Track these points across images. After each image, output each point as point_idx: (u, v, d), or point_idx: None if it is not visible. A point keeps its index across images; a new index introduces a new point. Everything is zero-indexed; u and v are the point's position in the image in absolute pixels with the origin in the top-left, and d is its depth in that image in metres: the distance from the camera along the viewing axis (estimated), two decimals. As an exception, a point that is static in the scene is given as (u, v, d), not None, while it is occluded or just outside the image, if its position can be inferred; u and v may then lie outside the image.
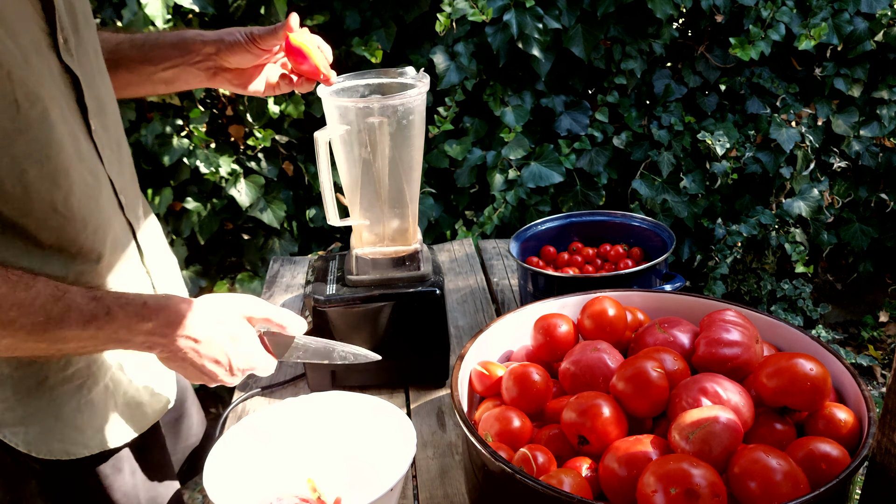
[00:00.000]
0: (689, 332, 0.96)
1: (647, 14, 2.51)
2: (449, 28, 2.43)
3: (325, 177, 1.11)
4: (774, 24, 2.56)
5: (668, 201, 2.68)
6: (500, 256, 1.76)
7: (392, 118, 1.09)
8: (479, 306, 1.52)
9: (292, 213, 2.69)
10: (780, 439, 0.83)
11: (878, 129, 2.76)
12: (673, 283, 1.32)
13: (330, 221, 1.14)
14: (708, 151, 2.66)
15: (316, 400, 1.04)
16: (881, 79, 2.77)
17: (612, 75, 2.60)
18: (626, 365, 0.88)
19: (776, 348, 0.98)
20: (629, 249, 1.50)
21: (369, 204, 1.16)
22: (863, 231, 2.92)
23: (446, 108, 2.52)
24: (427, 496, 1.02)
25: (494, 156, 2.58)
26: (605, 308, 1.01)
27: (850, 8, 2.60)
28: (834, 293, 3.16)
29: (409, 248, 1.20)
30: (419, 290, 1.18)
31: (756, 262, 2.95)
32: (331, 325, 1.17)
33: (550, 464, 0.84)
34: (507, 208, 2.56)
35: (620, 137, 2.65)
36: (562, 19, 2.46)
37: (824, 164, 2.82)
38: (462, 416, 0.85)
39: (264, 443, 1.00)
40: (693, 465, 0.73)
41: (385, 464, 0.97)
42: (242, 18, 2.37)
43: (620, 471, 0.79)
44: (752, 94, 2.72)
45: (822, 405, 0.84)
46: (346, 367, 1.21)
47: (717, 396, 0.82)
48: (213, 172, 2.48)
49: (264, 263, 2.68)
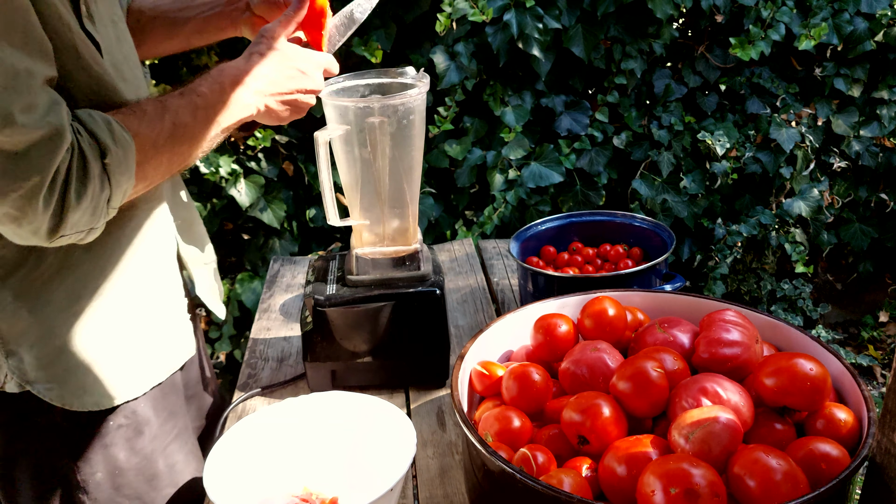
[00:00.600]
0: (689, 332, 0.96)
1: (647, 14, 2.51)
2: (449, 28, 2.44)
3: (325, 177, 1.11)
4: (774, 24, 2.56)
5: (668, 201, 2.68)
6: (500, 256, 1.76)
7: (392, 118, 1.09)
8: (479, 306, 1.52)
9: (292, 213, 2.69)
10: (779, 439, 0.83)
11: (878, 129, 2.76)
12: (673, 283, 1.32)
13: (330, 221, 1.14)
14: (708, 151, 2.66)
15: (316, 400, 1.04)
16: (881, 79, 2.77)
17: (612, 75, 2.60)
18: (626, 365, 0.88)
19: (776, 348, 0.98)
20: (629, 249, 1.50)
21: (369, 204, 1.16)
22: (863, 231, 2.92)
23: (446, 108, 2.52)
24: (427, 496, 1.02)
25: (494, 156, 2.58)
26: (605, 308, 1.01)
27: (850, 8, 2.60)
28: (834, 293, 3.16)
29: (410, 248, 1.20)
30: (419, 290, 1.18)
31: (756, 262, 2.95)
32: (331, 324, 1.17)
33: (550, 464, 0.84)
34: (507, 208, 2.56)
35: (620, 137, 2.65)
36: (562, 19, 2.46)
37: (824, 164, 2.83)
38: (462, 416, 0.85)
39: (264, 443, 1.00)
40: (693, 465, 0.73)
41: (385, 464, 0.97)
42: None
43: (620, 471, 0.79)
44: (752, 94, 2.72)
45: (821, 405, 0.84)
46: (346, 367, 1.21)
47: (717, 396, 0.82)
48: (213, 172, 2.48)
49: (264, 263, 2.68)
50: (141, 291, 1.05)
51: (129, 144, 0.86)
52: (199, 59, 2.50)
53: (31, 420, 1.00)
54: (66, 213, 0.81)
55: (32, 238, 0.83)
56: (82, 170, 0.81)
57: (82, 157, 0.81)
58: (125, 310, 1.03)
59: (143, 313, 1.06)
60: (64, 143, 0.79)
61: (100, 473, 1.03)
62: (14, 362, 0.96)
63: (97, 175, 0.82)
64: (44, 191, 0.78)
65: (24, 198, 0.78)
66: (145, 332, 1.06)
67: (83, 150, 0.81)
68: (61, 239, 0.84)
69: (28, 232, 0.82)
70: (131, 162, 0.86)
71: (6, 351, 0.96)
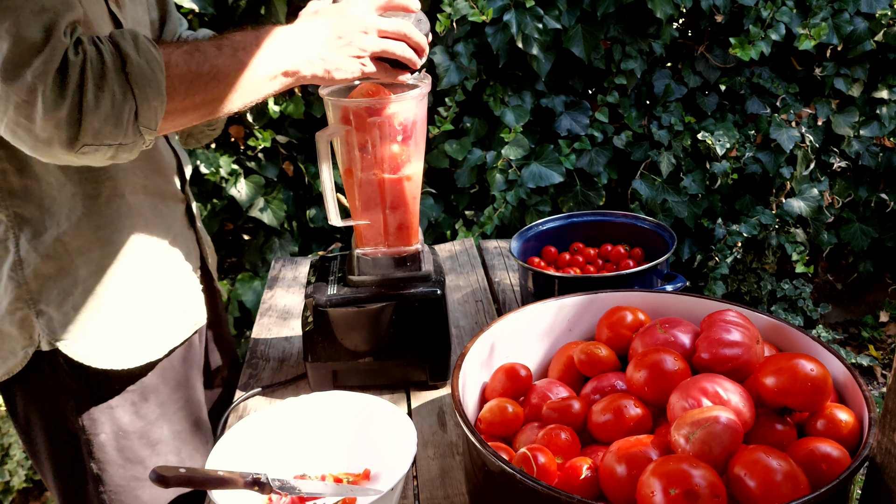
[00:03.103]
0: (689, 332, 0.96)
1: (647, 14, 2.51)
2: (449, 28, 2.44)
3: (326, 177, 1.11)
4: (774, 24, 2.56)
5: (669, 201, 2.68)
6: (501, 256, 1.76)
7: (394, 118, 1.09)
8: (480, 306, 1.52)
9: (292, 213, 2.69)
10: (780, 440, 0.83)
11: (878, 129, 2.76)
12: (674, 284, 1.32)
13: (331, 221, 1.14)
14: (708, 151, 2.66)
15: (317, 399, 1.04)
16: (881, 79, 2.77)
17: (612, 75, 2.60)
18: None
19: (777, 348, 0.98)
20: (630, 250, 1.50)
21: (370, 204, 1.16)
22: (863, 231, 2.92)
23: (446, 108, 2.52)
24: (427, 496, 1.02)
25: (494, 156, 2.58)
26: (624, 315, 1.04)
27: (850, 8, 2.60)
28: (834, 293, 3.16)
29: (411, 248, 1.20)
30: (420, 291, 1.18)
31: (756, 262, 2.95)
32: (332, 325, 1.17)
33: (550, 464, 0.84)
34: (508, 208, 2.56)
35: (620, 137, 2.65)
36: (562, 19, 2.46)
37: (824, 164, 2.83)
38: (462, 416, 0.85)
39: (265, 442, 1.00)
40: (693, 466, 0.73)
41: (385, 464, 0.97)
42: (242, 18, 2.37)
43: (620, 471, 0.79)
44: (752, 94, 2.72)
45: (822, 405, 0.85)
46: (347, 367, 1.21)
47: (717, 397, 0.82)
48: (213, 172, 2.48)
49: (264, 263, 2.68)
50: (160, 258, 1.14)
51: (156, 59, 0.85)
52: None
53: (43, 381, 1.06)
54: (84, 117, 0.79)
55: (55, 148, 0.81)
56: (100, 73, 0.80)
57: (101, 62, 0.81)
58: (145, 274, 1.11)
59: (161, 279, 1.14)
60: (57, 43, 0.79)
61: (104, 434, 1.09)
62: (44, 321, 1.03)
63: (116, 81, 0.81)
64: (44, 90, 0.77)
65: (26, 99, 0.77)
66: (163, 297, 1.14)
67: (102, 54, 0.81)
68: (86, 150, 0.82)
69: (44, 142, 0.81)
70: (160, 77, 0.85)
71: (36, 311, 1.03)
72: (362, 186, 1.14)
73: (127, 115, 0.82)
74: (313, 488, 0.92)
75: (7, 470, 2.34)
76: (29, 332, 1.03)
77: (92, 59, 0.80)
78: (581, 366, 1.00)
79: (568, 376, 1.03)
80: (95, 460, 1.10)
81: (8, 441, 2.38)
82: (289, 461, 1.01)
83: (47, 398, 1.08)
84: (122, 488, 1.12)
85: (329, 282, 1.22)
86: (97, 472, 1.10)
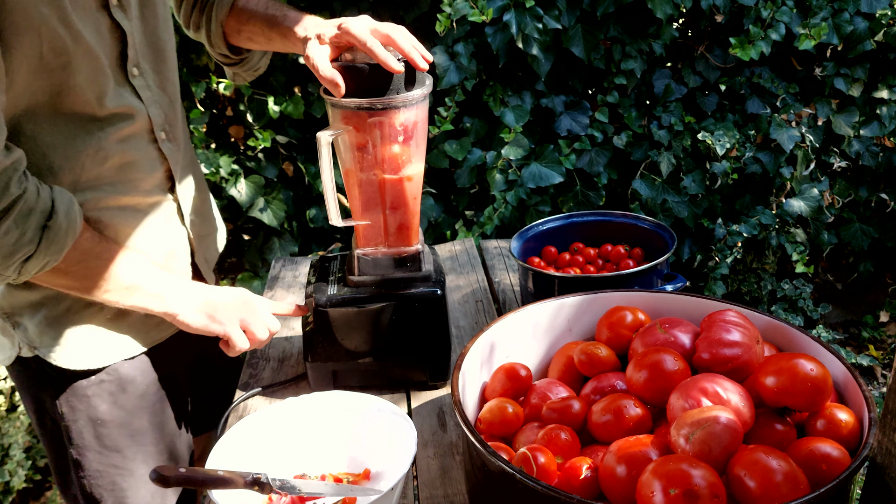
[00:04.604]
0: (689, 332, 0.96)
1: (647, 14, 2.51)
2: (449, 28, 2.44)
3: (327, 177, 1.11)
4: (774, 23, 2.56)
5: (669, 201, 2.68)
6: (501, 256, 1.76)
7: (394, 118, 1.09)
8: (481, 306, 1.52)
9: (292, 213, 2.69)
10: (780, 440, 0.84)
11: (878, 129, 2.76)
12: (674, 284, 1.32)
13: (332, 222, 1.14)
14: (708, 151, 2.66)
15: (317, 399, 1.04)
16: (881, 78, 2.77)
17: (612, 75, 2.60)
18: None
19: (777, 348, 0.98)
20: (630, 250, 1.50)
21: (371, 204, 1.16)
22: (863, 231, 2.92)
23: (446, 109, 2.52)
24: (427, 496, 1.02)
25: (494, 156, 2.58)
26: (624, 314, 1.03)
27: (850, 8, 2.60)
28: (834, 293, 3.16)
29: (411, 248, 1.20)
30: (421, 291, 1.18)
31: (756, 262, 2.96)
32: (332, 325, 1.17)
33: (550, 464, 0.84)
34: (507, 208, 2.56)
35: (620, 137, 2.65)
36: (562, 19, 2.46)
37: (824, 164, 2.82)
38: (462, 416, 0.85)
39: (265, 442, 1.00)
40: (693, 466, 0.73)
41: (385, 464, 0.97)
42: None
43: (620, 471, 0.79)
44: (752, 94, 2.72)
45: (822, 405, 0.85)
46: (347, 367, 1.21)
47: (717, 397, 0.82)
48: (213, 173, 2.48)
49: (264, 263, 2.68)
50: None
51: (75, 229, 0.94)
52: (199, 59, 2.50)
53: (27, 371, 1.13)
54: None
55: None
56: (26, 213, 0.89)
57: (33, 203, 0.89)
58: None
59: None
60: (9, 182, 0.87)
61: (81, 421, 1.13)
62: (20, 332, 1.08)
63: (33, 226, 0.89)
64: None
65: None
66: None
67: (38, 200, 0.89)
68: None
69: None
70: (68, 242, 0.94)
71: (12, 323, 1.08)
72: (363, 187, 1.14)
73: (19, 256, 0.90)
74: (313, 488, 0.92)
75: (7, 470, 2.34)
76: (10, 340, 1.10)
77: (28, 199, 0.89)
78: (581, 366, 1.00)
79: (568, 376, 1.03)
80: (74, 446, 1.14)
81: (8, 441, 2.38)
82: (289, 461, 1.01)
83: (32, 385, 1.15)
84: (99, 474, 1.15)
85: (329, 282, 1.22)
86: (76, 457, 1.15)
